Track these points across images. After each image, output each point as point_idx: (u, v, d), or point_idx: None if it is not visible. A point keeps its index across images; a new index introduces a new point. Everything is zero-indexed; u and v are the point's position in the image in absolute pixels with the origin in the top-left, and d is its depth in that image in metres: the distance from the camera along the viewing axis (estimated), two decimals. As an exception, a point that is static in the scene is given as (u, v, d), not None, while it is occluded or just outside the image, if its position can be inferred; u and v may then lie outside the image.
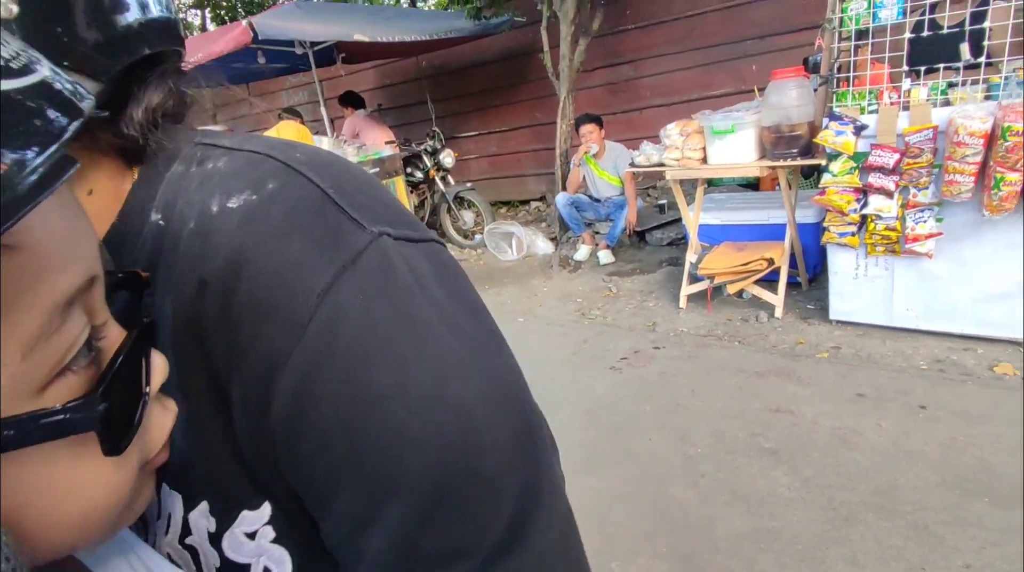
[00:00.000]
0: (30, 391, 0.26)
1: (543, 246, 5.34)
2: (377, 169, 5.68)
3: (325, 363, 0.34)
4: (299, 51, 5.61)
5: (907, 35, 2.63)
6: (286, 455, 0.35)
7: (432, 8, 10.05)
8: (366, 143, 6.11)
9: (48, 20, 0.31)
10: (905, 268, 2.80)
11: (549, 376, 3.07)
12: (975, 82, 2.54)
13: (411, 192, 6.20)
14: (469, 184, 6.07)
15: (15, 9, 0.29)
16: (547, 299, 4.26)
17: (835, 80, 2.88)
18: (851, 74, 2.83)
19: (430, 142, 6.13)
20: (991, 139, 2.35)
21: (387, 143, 6.06)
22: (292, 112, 5.62)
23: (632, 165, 3.78)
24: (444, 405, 0.35)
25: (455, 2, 5.91)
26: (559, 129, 5.47)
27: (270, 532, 0.39)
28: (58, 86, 0.24)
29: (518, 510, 0.36)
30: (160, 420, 0.33)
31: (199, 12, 10.70)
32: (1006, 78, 2.42)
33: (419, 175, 6.20)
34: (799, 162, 3.01)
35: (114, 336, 0.31)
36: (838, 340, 2.98)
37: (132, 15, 0.34)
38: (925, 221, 2.64)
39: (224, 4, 10.38)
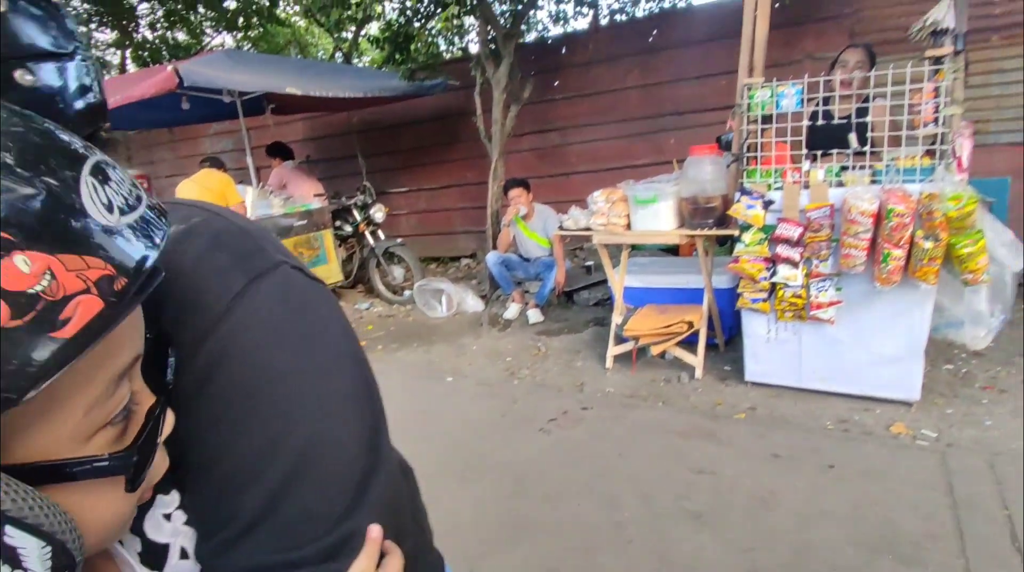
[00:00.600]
0: (82, 439, 0.35)
1: (473, 304, 5.35)
2: (305, 221, 5.56)
3: (234, 347, 0.45)
4: (227, 99, 5.50)
5: (805, 123, 2.92)
6: (191, 421, 0.44)
7: (366, 65, 10.21)
8: (293, 195, 5.99)
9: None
10: (811, 333, 3.00)
11: (479, 439, 3.01)
12: (862, 167, 2.84)
13: (339, 246, 6.09)
14: (399, 239, 6.04)
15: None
16: (476, 357, 4.23)
17: (745, 158, 3.14)
18: (759, 154, 3.09)
19: (360, 196, 6.09)
20: (879, 218, 2.61)
21: (316, 195, 5.97)
22: (214, 161, 5.45)
23: (561, 228, 3.90)
24: (324, 391, 0.48)
25: (389, 62, 6.03)
26: (490, 190, 5.60)
27: (181, 515, 0.47)
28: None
29: (363, 477, 0.49)
30: (160, 462, 0.42)
31: (118, 52, 10.32)
32: (887, 166, 2.73)
33: (348, 229, 6.11)
34: (714, 232, 3.21)
35: (145, 400, 0.40)
36: (754, 401, 3.12)
37: (83, 101, 0.41)
38: (826, 290, 2.86)
39: (148, 46, 10.07)
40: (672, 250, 4.73)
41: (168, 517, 0.47)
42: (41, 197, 0.29)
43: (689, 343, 3.50)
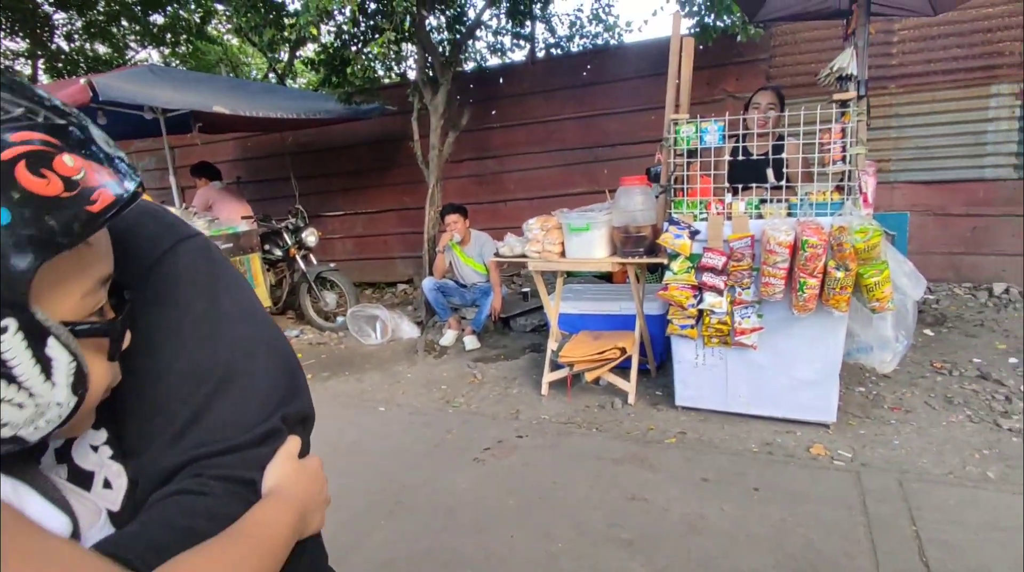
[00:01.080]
0: (81, 315, 0.47)
1: (408, 330, 5.25)
2: (231, 244, 5.32)
3: (164, 291, 0.57)
4: (148, 116, 5.23)
5: (727, 158, 3.08)
6: (126, 353, 0.53)
7: (301, 87, 10.02)
8: (220, 216, 5.73)
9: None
10: (736, 358, 3.12)
11: (411, 471, 2.91)
12: (779, 201, 3.01)
13: (268, 270, 5.86)
14: (332, 264, 5.88)
15: None
16: (411, 386, 4.13)
17: (672, 190, 3.26)
18: (685, 186, 3.22)
19: (292, 219, 5.91)
20: (795, 249, 2.76)
21: (244, 218, 5.74)
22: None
23: (496, 255, 3.91)
24: (240, 332, 0.60)
25: (325, 84, 5.94)
26: (427, 215, 5.56)
27: (108, 450, 0.56)
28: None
29: (281, 400, 0.61)
30: (116, 372, 0.53)
31: (30, 62, 9.67)
32: (801, 199, 2.90)
33: (278, 253, 5.90)
34: (645, 260, 3.30)
35: (109, 314, 0.51)
36: (684, 425, 3.19)
37: None
38: (749, 317, 2.99)
39: (63, 57, 9.49)
40: (606, 277, 4.83)
41: (95, 449, 0.55)
42: (73, 125, 0.46)
43: (622, 369, 3.55)
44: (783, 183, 3.04)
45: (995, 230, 4.90)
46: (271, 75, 10.00)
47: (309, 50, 7.83)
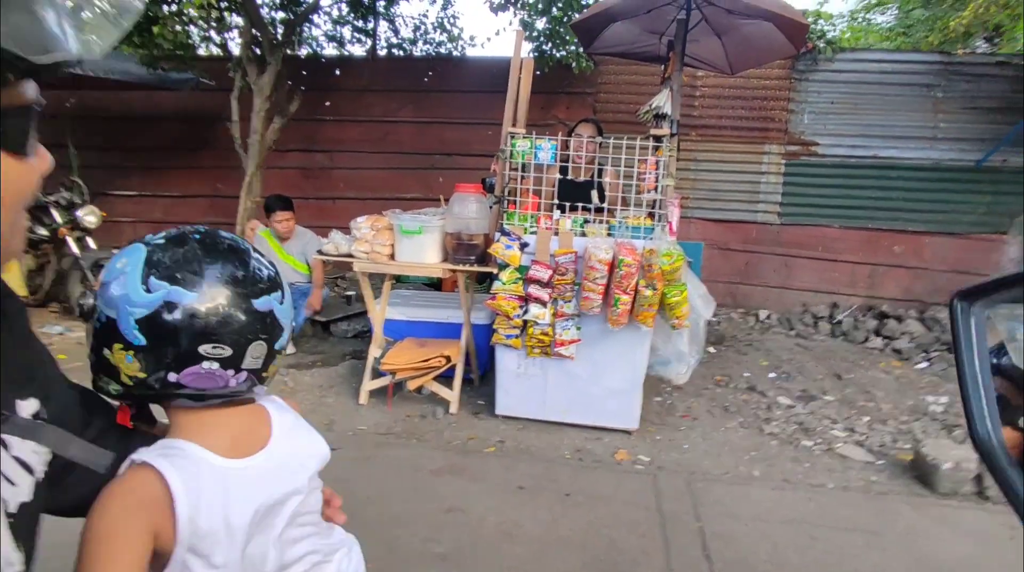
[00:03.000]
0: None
1: (210, 331, 4.64)
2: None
3: None
4: None
5: (556, 176, 3.22)
6: None
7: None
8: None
9: None
10: (555, 368, 3.24)
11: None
12: (600, 221, 3.22)
13: (26, 252, 4.80)
14: (115, 252, 5.00)
15: None
16: (207, 394, 3.64)
17: (506, 202, 3.32)
18: (518, 198, 3.30)
19: (66, 193, 4.93)
20: (612, 267, 2.96)
21: (-6, 185, 4.64)
22: None
23: (320, 253, 3.63)
24: None
25: (128, 44, 5.09)
26: (242, 204, 5.03)
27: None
28: None
29: None
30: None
31: None
32: (619, 222, 3.13)
33: (42, 232, 4.87)
34: (475, 268, 3.31)
35: None
36: (503, 434, 3.22)
37: None
38: (569, 329, 3.13)
39: None
40: (435, 285, 4.77)
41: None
42: None
43: (446, 377, 3.50)
44: (605, 206, 3.27)
45: (762, 265, 5.83)
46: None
47: None
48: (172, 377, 0.69)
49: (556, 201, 3.22)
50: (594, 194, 3.26)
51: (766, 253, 5.79)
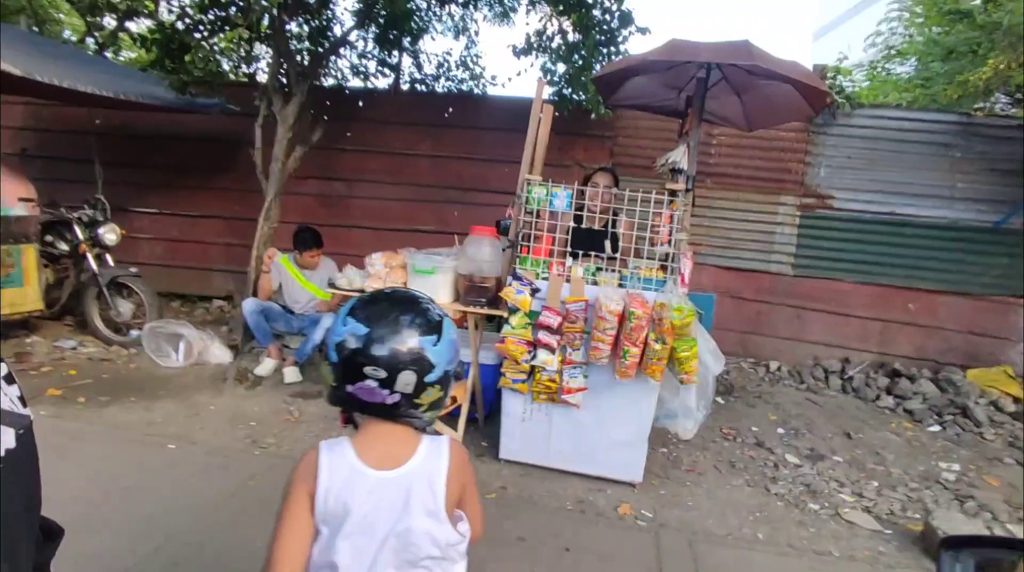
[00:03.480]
0: None
1: (219, 354, 4.68)
2: (-4, 230, 4.36)
3: None
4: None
5: (571, 224, 3.24)
6: None
7: (125, 62, 8.79)
8: (-13, 194, 4.69)
9: None
10: (560, 415, 3.22)
11: (198, 524, 2.52)
12: (612, 270, 3.23)
13: (47, 266, 4.90)
14: (134, 269, 5.08)
15: None
16: (213, 421, 3.64)
17: (519, 246, 3.34)
18: (531, 244, 3.32)
19: (89, 210, 5.05)
20: (622, 318, 2.96)
21: (21, 199, 4.75)
22: None
23: (332, 286, 3.66)
24: None
25: (158, 67, 5.24)
26: (259, 229, 5.10)
27: None
28: None
29: None
30: None
31: None
32: (631, 273, 3.14)
33: (63, 247, 4.99)
34: (486, 311, 3.32)
35: None
36: (505, 479, 3.19)
37: None
38: (576, 377, 3.12)
39: None
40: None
41: None
42: None
43: (451, 417, 3.48)
44: (617, 255, 3.28)
45: (774, 315, 5.79)
46: (90, 41, 8.64)
47: (142, 24, 6.93)
48: (348, 388, 0.99)
49: (569, 248, 3.24)
50: (607, 243, 3.27)
51: (779, 304, 5.76)
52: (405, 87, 6.53)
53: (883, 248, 5.54)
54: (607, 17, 4.99)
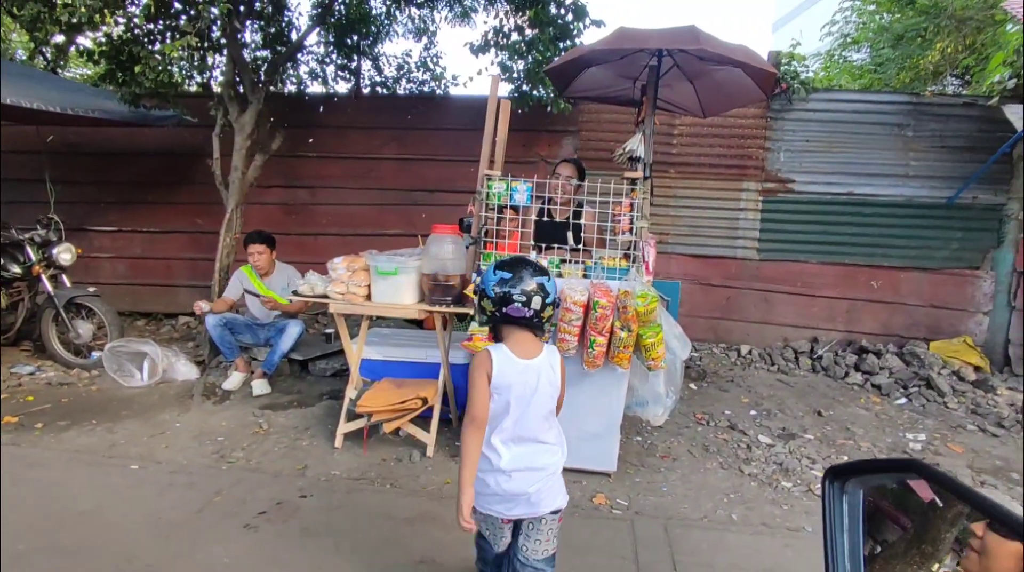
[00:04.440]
0: None
1: (185, 371, 4.56)
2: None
3: None
4: None
5: (533, 218, 3.23)
6: None
7: (76, 78, 8.56)
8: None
9: None
10: (532, 410, 3.20)
11: (162, 544, 2.45)
12: (576, 262, 3.23)
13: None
14: (92, 289, 4.94)
15: None
16: (178, 438, 3.55)
17: (482, 242, 3.32)
18: (495, 239, 3.31)
19: (41, 230, 4.89)
20: (587, 309, 2.95)
21: (-33, 223, 4.59)
22: None
23: (295, 293, 3.60)
24: None
25: (108, 81, 5.10)
26: (222, 240, 5.00)
27: None
28: None
29: None
30: None
31: None
32: (595, 263, 3.14)
33: (15, 269, 4.82)
34: (452, 309, 3.29)
35: None
36: (480, 478, 3.16)
37: None
38: (546, 370, 3.10)
39: None
40: (417, 322, 4.73)
41: None
42: None
43: (423, 419, 3.45)
44: (580, 246, 3.28)
45: (742, 300, 5.86)
46: (40, 59, 8.39)
47: (91, 38, 6.74)
48: (504, 309, 1.68)
49: (532, 242, 3.23)
50: (570, 235, 3.28)
51: (746, 288, 5.84)
52: (366, 91, 6.46)
53: (845, 228, 5.65)
54: (562, 11, 5.00)
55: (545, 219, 3.24)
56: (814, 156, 5.67)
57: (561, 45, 5.00)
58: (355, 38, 6.10)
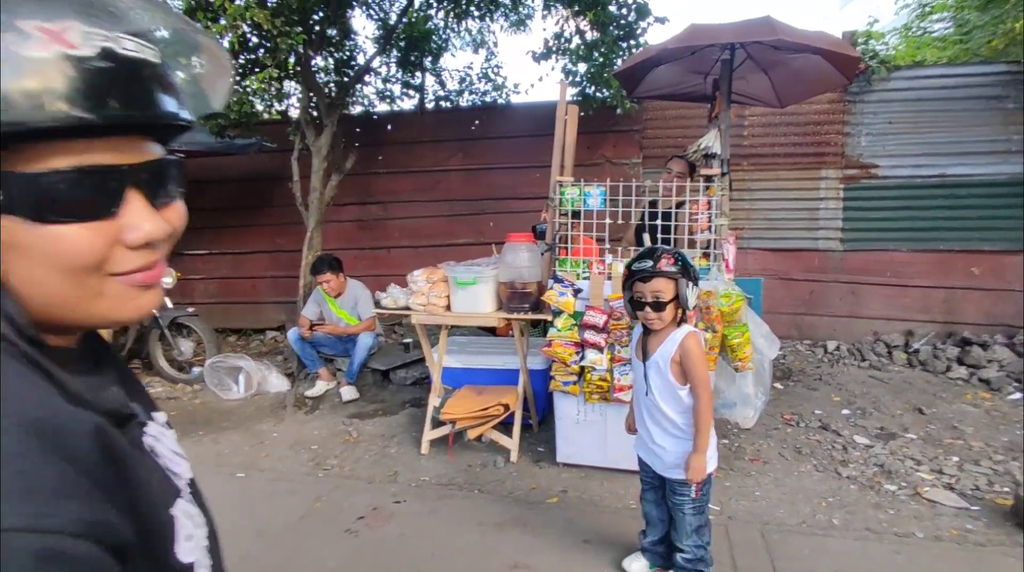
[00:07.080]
0: None
1: (277, 383, 4.83)
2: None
3: None
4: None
5: (607, 221, 3.22)
6: None
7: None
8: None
9: None
10: (615, 414, 3.18)
11: (272, 548, 2.60)
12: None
13: (111, 313, 5.16)
14: (191, 309, 5.31)
15: None
16: (276, 447, 3.76)
17: (557, 248, 3.34)
18: (569, 245, 3.32)
19: (146, 257, 5.30)
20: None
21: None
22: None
23: (377, 305, 3.73)
24: None
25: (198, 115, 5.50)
26: (304, 258, 5.26)
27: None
28: None
29: None
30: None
31: None
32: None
33: (126, 294, 5.23)
34: (530, 316, 3.32)
35: None
36: (565, 483, 3.17)
37: None
38: (627, 374, 3.08)
39: None
40: (490, 329, 4.81)
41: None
42: None
43: (505, 425, 3.50)
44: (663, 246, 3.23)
45: (827, 293, 5.59)
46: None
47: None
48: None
49: (607, 246, 3.22)
50: (645, 237, 3.24)
51: (830, 281, 5.56)
52: (430, 106, 6.64)
53: (937, 212, 5.28)
54: (624, 11, 4.96)
55: (647, 222, 3.21)
56: (899, 138, 5.34)
57: (624, 45, 4.96)
58: (418, 55, 6.29)
